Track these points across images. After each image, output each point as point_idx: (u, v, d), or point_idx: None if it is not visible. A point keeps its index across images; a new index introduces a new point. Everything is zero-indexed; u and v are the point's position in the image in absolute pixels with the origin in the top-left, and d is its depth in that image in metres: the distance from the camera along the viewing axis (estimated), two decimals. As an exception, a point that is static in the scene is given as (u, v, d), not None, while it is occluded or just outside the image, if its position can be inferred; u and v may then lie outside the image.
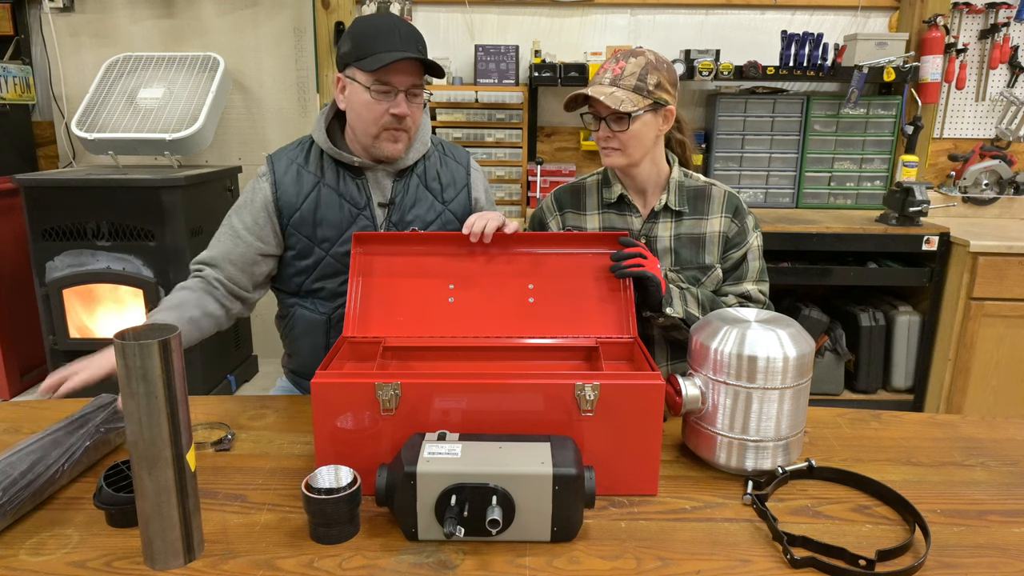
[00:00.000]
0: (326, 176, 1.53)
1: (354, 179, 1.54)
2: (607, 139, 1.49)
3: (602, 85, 1.46)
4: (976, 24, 3.28)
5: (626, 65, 1.46)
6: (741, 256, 1.57)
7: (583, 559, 0.95)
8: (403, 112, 1.44)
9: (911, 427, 1.37)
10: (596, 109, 1.49)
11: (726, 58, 3.17)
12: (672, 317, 1.41)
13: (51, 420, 1.35)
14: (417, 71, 1.45)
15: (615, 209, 1.59)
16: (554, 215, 1.64)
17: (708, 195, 1.58)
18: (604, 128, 1.48)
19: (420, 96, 1.48)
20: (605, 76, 1.47)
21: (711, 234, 1.56)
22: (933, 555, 0.96)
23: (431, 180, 1.59)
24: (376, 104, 1.43)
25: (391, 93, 1.43)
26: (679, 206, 1.56)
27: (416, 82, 1.45)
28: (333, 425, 1.08)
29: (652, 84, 1.45)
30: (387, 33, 1.41)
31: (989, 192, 3.36)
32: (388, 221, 1.55)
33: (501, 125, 3.30)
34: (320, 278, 1.54)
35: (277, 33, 3.44)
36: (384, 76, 1.41)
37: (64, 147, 3.57)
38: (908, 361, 3.11)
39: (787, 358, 1.10)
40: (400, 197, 1.55)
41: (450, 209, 1.60)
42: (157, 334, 0.90)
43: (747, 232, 1.57)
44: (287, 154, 1.57)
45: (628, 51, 1.49)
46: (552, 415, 1.08)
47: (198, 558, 0.95)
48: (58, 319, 3.01)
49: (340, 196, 1.53)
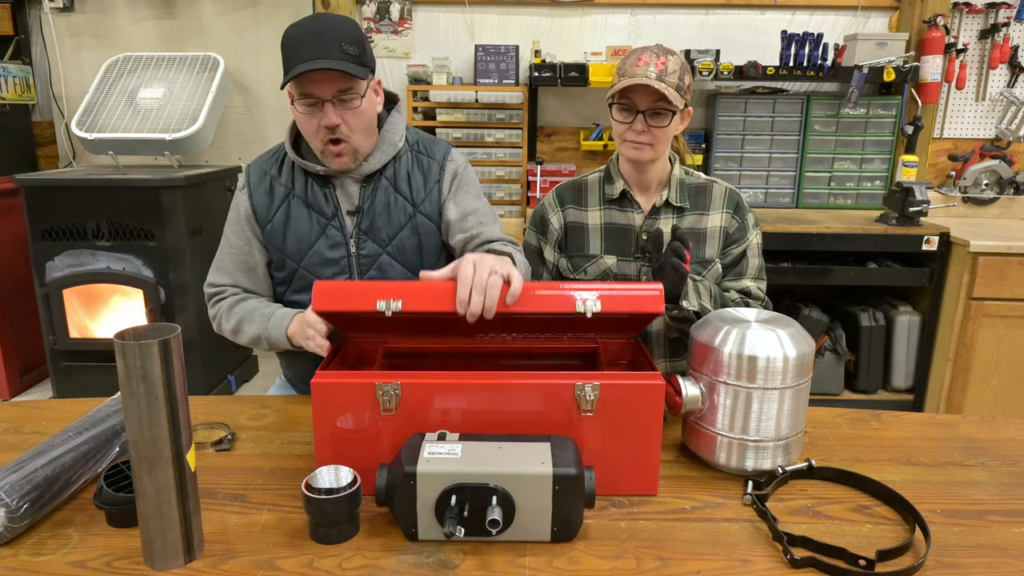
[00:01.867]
0: (296, 187, 1.50)
1: (322, 188, 1.49)
2: (641, 132, 1.47)
3: (651, 78, 1.43)
4: (976, 24, 3.28)
5: (667, 62, 1.45)
6: (740, 252, 1.57)
7: (583, 559, 0.95)
8: (330, 122, 1.36)
9: (911, 427, 1.37)
10: (635, 101, 1.46)
11: (726, 58, 3.17)
12: (687, 310, 1.39)
13: (51, 420, 1.35)
14: (340, 76, 1.34)
15: (617, 205, 1.59)
16: (556, 211, 1.64)
17: (709, 191, 1.59)
18: (640, 122, 1.46)
19: (353, 100, 1.38)
20: (650, 70, 1.43)
21: (712, 229, 1.57)
22: (933, 555, 0.96)
23: (401, 182, 1.51)
24: (308, 118, 1.38)
25: (318, 104, 1.36)
26: (680, 202, 1.56)
27: (343, 87, 1.35)
28: (333, 425, 1.08)
29: (686, 85, 1.47)
30: (305, 40, 1.33)
31: (989, 192, 3.36)
32: (357, 228, 1.49)
33: (501, 125, 3.30)
34: (296, 291, 1.52)
35: (277, 33, 3.41)
36: (303, 88, 1.35)
37: (64, 147, 3.57)
38: (908, 361, 3.11)
39: (787, 358, 1.10)
40: (368, 204, 1.49)
41: (421, 211, 1.51)
42: (157, 334, 0.90)
43: (747, 229, 1.58)
44: (261, 164, 1.54)
45: (661, 48, 1.48)
46: (552, 415, 1.08)
47: (198, 558, 0.95)
48: (58, 319, 3.01)
49: (309, 207, 1.49)
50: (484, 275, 1.07)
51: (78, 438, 1.11)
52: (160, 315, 3.00)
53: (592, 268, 1.59)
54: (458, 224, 1.51)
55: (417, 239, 1.51)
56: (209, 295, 1.55)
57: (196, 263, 3.05)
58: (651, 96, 1.44)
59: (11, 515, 0.96)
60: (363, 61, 1.38)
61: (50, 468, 1.03)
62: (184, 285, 3.01)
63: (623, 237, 1.59)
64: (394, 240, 1.50)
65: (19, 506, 0.96)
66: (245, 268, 1.53)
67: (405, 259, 1.51)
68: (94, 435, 1.13)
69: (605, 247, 1.60)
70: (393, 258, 1.51)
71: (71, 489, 1.06)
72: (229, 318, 1.50)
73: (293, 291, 1.53)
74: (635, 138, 1.48)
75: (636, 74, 1.44)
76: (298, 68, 1.32)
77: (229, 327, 1.50)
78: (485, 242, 1.48)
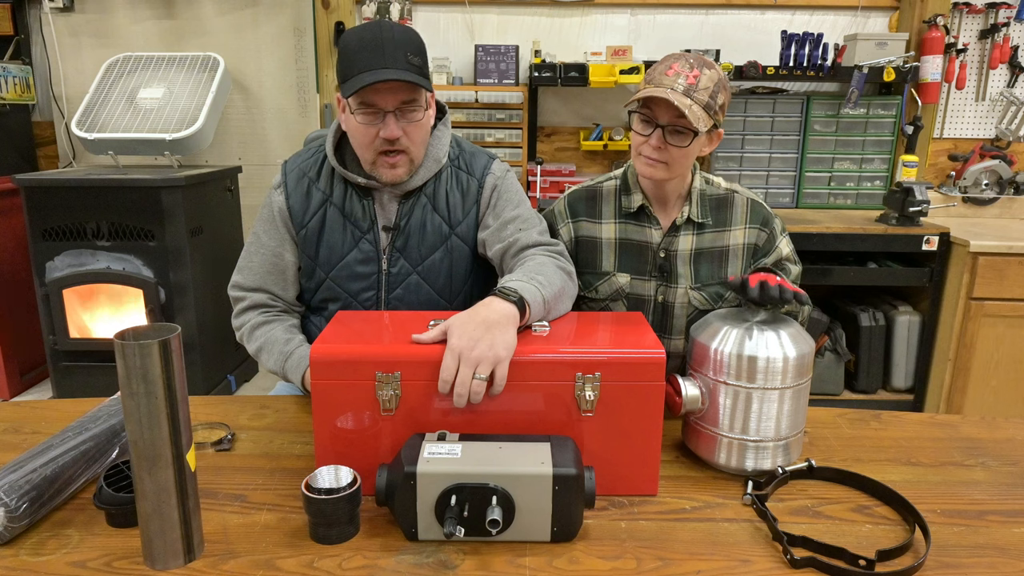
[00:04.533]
0: (334, 195, 1.45)
1: (360, 199, 1.45)
2: (656, 149, 1.36)
3: (676, 92, 1.30)
4: (976, 24, 3.28)
5: (701, 76, 1.32)
6: (773, 261, 1.51)
7: (583, 559, 0.95)
8: (392, 134, 1.32)
9: (911, 427, 1.37)
10: (655, 114, 1.35)
11: (726, 58, 3.17)
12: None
13: (51, 420, 1.35)
14: (405, 87, 1.30)
15: (634, 220, 1.50)
16: (566, 222, 1.55)
17: (731, 203, 1.50)
18: (658, 137, 1.35)
19: (416, 112, 1.34)
20: (678, 82, 1.31)
21: (735, 247, 1.50)
22: (933, 555, 0.96)
23: (439, 201, 1.46)
24: (365, 128, 1.33)
25: (379, 115, 1.32)
26: (702, 218, 1.48)
27: (406, 98, 1.32)
28: (333, 425, 1.08)
29: (719, 104, 1.34)
30: (370, 49, 1.28)
31: (989, 192, 3.36)
32: (392, 246, 1.45)
33: (501, 125, 3.30)
34: (322, 300, 1.50)
35: (277, 33, 3.44)
36: (367, 98, 1.30)
37: (64, 147, 3.58)
38: (908, 361, 3.11)
39: (787, 358, 1.10)
40: (405, 221, 1.45)
41: (457, 233, 1.46)
42: (157, 334, 0.90)
43: (776, 237, 1.51)
44: (299, 165, 1.49)
45: (699, 58, 1.35)
46: (552, 415, 1.08)
47: (198, 558, 0.95)
48: (58, 319, 3.01)
49: (345, 217, 1.45)
50: (467, 376, 1.02)
51: (78, 438, 1.10)
52: (160, 315, 3.00)
53: (604, 287, 1.52)
54: (496, 235, 1.45)
55: (449, 261, 1.47)
56: (234, 299, 1.52)
57: (196, 263, 3.05)
58: (674, 111, 1.31)
59: (10, 515, 0.96)
60: (426, 72, 1.34)
61: (50, 468, 1.03)
62: (184, 285, 3.01)
63: (639, 254, 1.50)
64: (426, 261, 1.46)
65: (18, 506, 0.96)
66: (275, 271, 1.49)
67: (434, 281, 1.47)
68: (94, 435, 1.13)
69: (619, 264, 1.51)
70: (422, 278, 1.47)
71: (71, 489, 1.06)
72: (251, 340, 1.48)
73: (319, 300, 1.50)
74: (650, 154, 1.37)
75: (663, 84, 1.31)
76: (365, 78, 1.27)
77: (251, 349, 1.48)
78: (522, 248, 1.41)
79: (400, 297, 1.48)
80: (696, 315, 1.51)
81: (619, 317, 1.27)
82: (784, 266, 1.53)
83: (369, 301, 1.48)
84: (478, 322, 1.06)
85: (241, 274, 1.51)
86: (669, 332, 1.54)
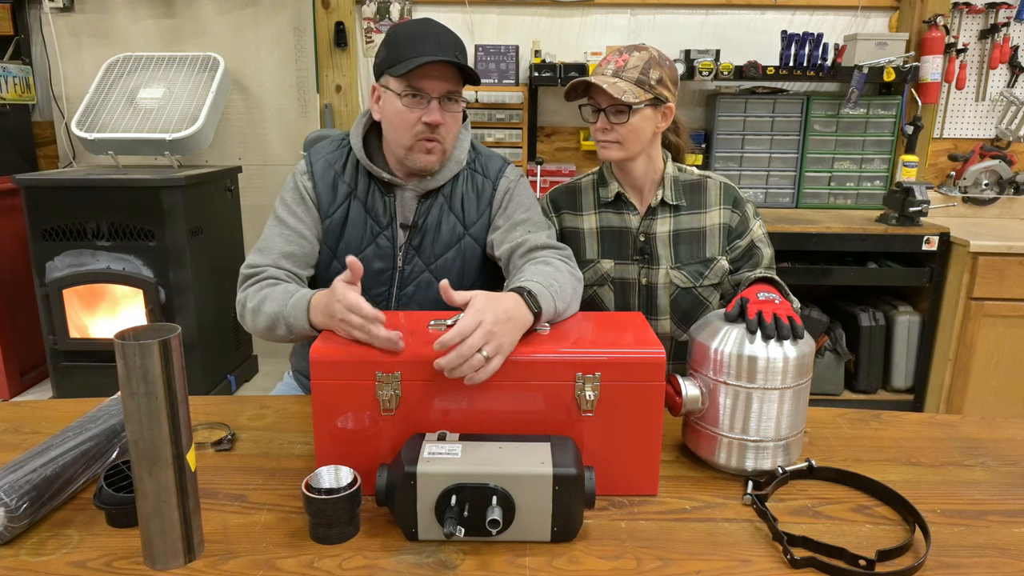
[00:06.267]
0: (358, 188, 1.47)
1: (383, 195, 1.47)
2: (605, 131, 1.47)
3: (604, 75, 1.45)
4: (976, 24, 3.28)
5: (629, 58, 1.45)
6: (748, 244, 1.57)
7: (583, 559, 0.95)
8: (436, 120, 1.35)
9: (911, 427, 1.37)
10: (596, 100, 1.48)
11: (726, 58, 3.17)
12: None
13: (51, 420, 1.35)
14: (453, 78, 1.36)
15: (612, 208, 1.59)
16: (551, 217, 1.63)
17: (704, 187, 1.58)
18: (603, 120, 1.47)
19: (456, 104, 1.39)
20: (608, 67, 1.46)
21: (711, 227, 1.57)
22: (933, 555, 0.96)
23: (455, 201, 1.49)
24: (408, 112, 1.36)
25: (424, 100, 1.35)
26: (676, 200, 1.56)
27: (451, 89, 1.36)
28: (333, 425, 1.08)
29: (654, 79, 1.45)
30: (422, 38, 1.34)
31: (989, 192, 3.36)
32: (408, 243, 1.48)
33: (501, 125, 3.30)
34: None
35: (277, 33, 3.44)
36: (416, 81, 1.34)
37: (64, 147, 3.58)
38: (908, 361, 3.11)
39: (787, 358, 1.10)
40: (423, 219, 1.47)
41: (471, 234, 1.50)
42: (157, 334, 0.90)
43: (749, 220, 1.58)
44: (326, 155, 1.50)
45: (631, 45, 1.49)
46: (552, 415, 1.08)
47: (198, 558, 0.95)
48: (58, 319, 3.01)
49: (367, 212, 1.47)
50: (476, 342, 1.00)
51: (78, 438, 1.10)
52: (160, 315, 3.00)
53: (589, 273, 1.58)
54: (505, 235, 1.47)
55: (461, 261, 1.50)
56: (244, 276, 1.43)
57: (196, 263, 3.05)
58: (607, 94, 1.43)
59: (10, 514, 0.95)
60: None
61: (50, 468, 1.03)
62: (184, 285, 3.01)
63: (620, 240, 1.58)
64: (439, 260, 1.49)
65: (18, 505, 0.96)
66: (295, 253, 1.45)
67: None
68: (94, 435, 1.13)
69: (602, 251, 1.59)
70: (434, 276, 1.48)
71: (71, 489, 1.06)
72: (254, 297, 1.38)
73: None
74: (601, 136, 1.48)
75: (596, 73, 1.45)
76: (423, 58, 1.30)
77: (251, 305, 1.37)
78: (531, 249, 1.42)
79: (411, 294, 1.49)
80: (679, 293, 1.57)
81: (619, 317, 1.28)
82: (757, 247, 1.58)
83: (380, 296, 1.49)
84: (504, 308, 1.07)
85: (257, 255, 1.46)
86: (655, 313, 1.60)
